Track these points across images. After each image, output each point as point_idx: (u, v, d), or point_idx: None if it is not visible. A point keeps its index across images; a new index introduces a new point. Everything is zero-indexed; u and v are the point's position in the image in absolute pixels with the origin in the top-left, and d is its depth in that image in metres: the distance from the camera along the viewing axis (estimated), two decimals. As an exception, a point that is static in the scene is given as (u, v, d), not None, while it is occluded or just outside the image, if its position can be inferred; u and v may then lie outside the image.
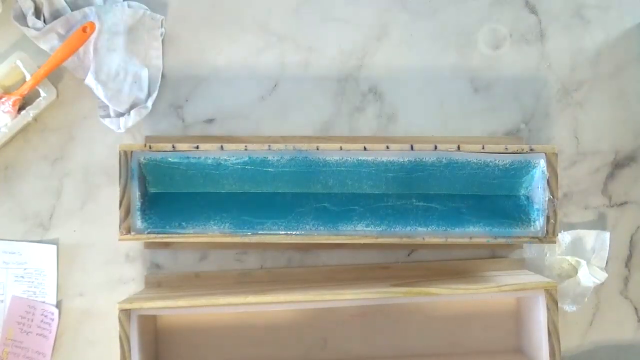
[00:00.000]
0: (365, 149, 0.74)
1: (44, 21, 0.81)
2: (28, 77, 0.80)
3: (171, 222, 0.75)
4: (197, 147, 0.74)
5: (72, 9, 0.81)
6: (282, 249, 0.84)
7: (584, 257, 0.84)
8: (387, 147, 0.74)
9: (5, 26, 0.83)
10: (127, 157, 0.74)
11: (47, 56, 0.80)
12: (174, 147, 0.74)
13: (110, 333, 0.80)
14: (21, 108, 0.81)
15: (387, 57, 0.87)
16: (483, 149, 0.75)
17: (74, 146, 0.84)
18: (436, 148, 0.75)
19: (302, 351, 0.82)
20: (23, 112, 0.81)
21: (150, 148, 0.74)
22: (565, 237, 0.85)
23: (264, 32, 0.86)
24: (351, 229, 0.75)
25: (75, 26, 0.80)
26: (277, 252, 0.85)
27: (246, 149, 0.74)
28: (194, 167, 0.75)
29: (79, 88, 0.83)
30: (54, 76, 0.82)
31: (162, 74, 0.85)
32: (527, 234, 0.75)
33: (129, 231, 0.74)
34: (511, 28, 0.88)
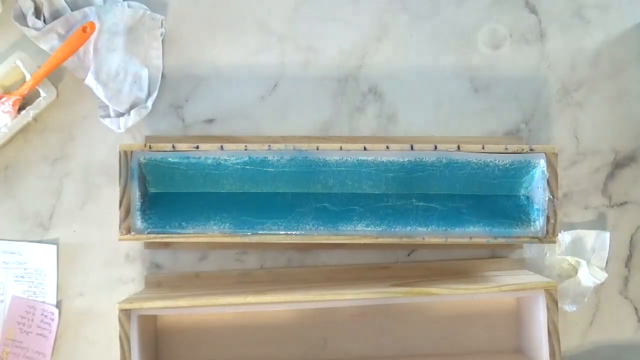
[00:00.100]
0: (365, 149, 0.74)
1: (44, 21, 0.81)
2: (28, 77, 0.80)
3: (171, 222, 0.75)
4: (197, 147, 0.74)
5: (72, 9, 0.81)
6: (282, 249, 0.84)
7: (584, 257, 0.84)
8: (387, 147, 0.74)
9: (5, 26, 0.83)
10: (127, 157, 0.74)
11: (47, 56, 0.80)
12: (174, 147, 0.74)
13: (110, 333, 0.80)
14: (21, 108, 0.81)
15: (387, 57, 0.87)
16: (483, 149, 0.75)
17: (74, 146, 0.84)
18: (436, 148, 0.75)
19: (302, 351, 0.82)
20: (23, 112, 0.81)
21: (150, 148, 0.74)
22: (565, 237, 0.85)
23: (264, 32, 0.86)
24: (351, 229, 0.75)
25: (75, 26, 0.80)
26: (277, 252, 0.85)
27: (246, 149, 0.74)
28: (194, 167, 0.75)
29: (79, 88, 0.83)
30: (54, 76, 0.82)
31: (162, 74, 0.85)
32: (527, 234, 0.75)
33: (129, 231, 0.74)
34: (511, 28, 0.88)
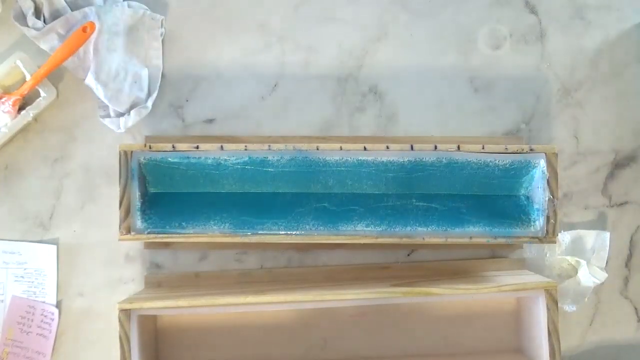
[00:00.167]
0: (365, 149, 0.74)
1: (44, 21, 0.81)
2: (28, 77, 0.80)
3: (171, 222, 0.75)
4: (197, 147, 0.74)
5: (72, 9, 0.81)
6: (282, 249, 0.84)
7: (584, 257, 0.84)
8: (387, 147, 0.74)
9: (5, 26, 0.83)
10: (127, 157, 0.74)
11: (47, 56, 0.80)
12: (174, 147, 0.74)
13: (110, 333, 0.80)
14: (21, 108, 0.81)
15: (387, 57, 0.87)
16: (483, 149, 0.75)
17: (74, 146, 0.84)
18: (436, 148, 0.75)
19: (302, 351, 0.82)
20: (23, 112, 0.81)
21: (150, 148, 0.74)
22: (565, 237, 0.85)
23: (264, 32, 0.86)
24: (351, 229, 0.75)
25: (75, 26, 0.80)
26: (277, 252, 0.85)
27: (246, 149, 0.74)
28: (194, 167, 0.75)
29: (79, 88, 0.83)
30: (54, 76, 0.82)
31: (162, 74, 0.85)
32: (527, 234, 0.75)
33: (129, 231, 0.74)
34: (511, 28, 0.88)
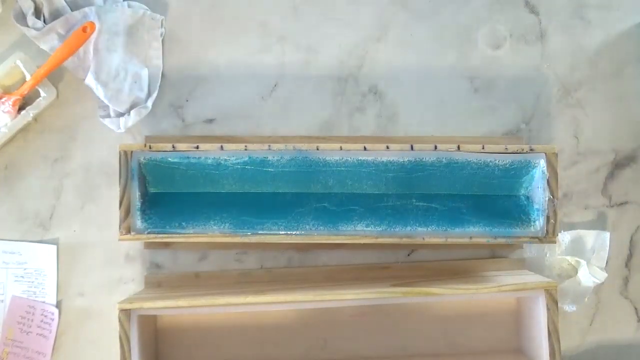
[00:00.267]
0: (365, 149, 0.74)
1: (44, 21, 0.81)
2: (28, 77, 0.80)
3: (171, 222, 0.75)
4: (197, 147, 0.74)
5: (72, 9, 0.81)
6: (282, 249, 0.84)
7: (584, 257, 0.84)
8: (387, 147, 0.74)
9: (5, 26, 0.83)
10: (127, 157, 0.74)
11: (47, 56, 0.80)
12: (174, 147, 0.74)
13: (110, 333, 0.80)
14: (21, 108, 0.81)
15: (387, 57, 0.87)
16: (483, 149, 0.75)
17: (74, 146, 0.84)
18: (436, 148, 0.75)
19: (302, 351, 0.82)
20: (23, 112, 0.81)
21: (150, 148, 0.74)
22: (565, 237, 0.85)
23: (264, 32, 0.86)
24: (351, 229, 0.75)
25: (75, 26, 0.80)
26: (277, 252, 0.85)
27: (246, 149, 0.74)
28: (194, 167, 0.75)
29: (79, 88, 0.83)
30: (54, 76, 0.82)
31: (162, 74, 0.85)
32: (527, 234, 0.75)
33: (129, 231, 0.74)
34: (511, 28, 0.88)
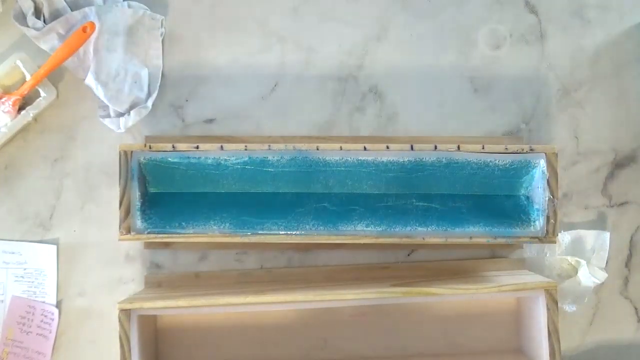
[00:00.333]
0: (365, 149, 0.74)
1: (44, 21, 0.81)
2: (28, 77, 0.80)
3: (171, 222, 0.74)
4: (197, 147, 0.74)
5: (72, 9, 0.81)
6: (282, 249, 0.84)
7: (584, 257, 0.84)
8: (387, 147, 0.74)
9: (5, 26, 0.83)
10: (127, 157, 0.74)
11: (47, 56, 0.80)
12: (174, 147, 0.74)
13: (110, 333, 0.80)
14: (21, 108, 0.81)
15: (387, 57, 0.87)
16: (483, 149, 0.75)
17: (74, 146, 0.84)
18: (436, 148, 0.75)
19: (302, 351, 0.82)
20: (23, 112, 0.81)
21: (150, 148, 0.74)
22: (565, 237, 0.85)
23: (264, 32, 0.86)
24: (351, 229, 0.75)
25: (75, 26, 0.80)
26: (277, 252, 0.85)
27: (246, 149, 0.74)
28: (194, 167, 0.75)
29: (79, 88, 0.83)
30: (54, 76, 0.82)
31: (162, 74, 0.85)
32: (527, 234, 0.75)
33: (129, 231, 0.74)
34: (511, 28, 0.88)
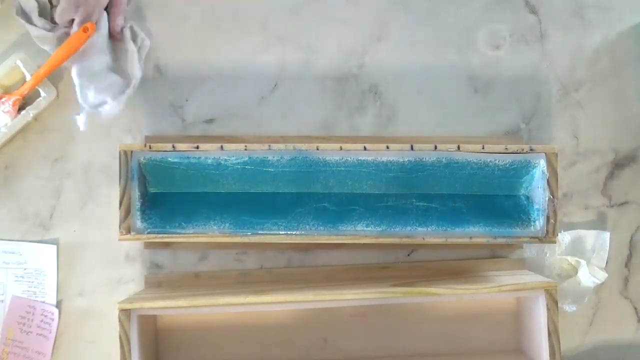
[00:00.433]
0: (365, 149, 0.74)
1: (51, 21, 0.80)
2: (28, 77, 0.80)
3: (171, 222, 0.74)
4: (197, 147, 0.74)
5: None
6: (282, 249, 0.84)
7: (584, 257, 0.84)
8: (387, 147, 0.74)
9: (6, 26, 0.83)
10: (127, 157, 0.74)
11: (47, 56, 0.80)
12: (174, 147, 0.74)
13: (110, 333, 0.80)
14: (21, 108, 0.81)
15: (387, 57, 0.87)
16: (483, 149, 0.75)
17: (74, 146, 0.84)
18: (436, 148, 0.75)
19: (302, 351, 0.82)
20: (23, 112, 0.81)
21: (150, 148, 0.74)
22: (565, 237, 0.85)
23: (264, 32, 0.86)
24: (351, 229, 0.75)
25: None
26: (277, 252, 0.85)
27: (246, 149, 0.74)
28: (194, 167, 0.75)
29: (79, 88, 0.83)
30: (54, 76, 0.82)
31: (162, 74, 0.85)
32: (527, 234, 0.75)
33: (129, 231, 0.74)
34: (511, 28, 0.88)
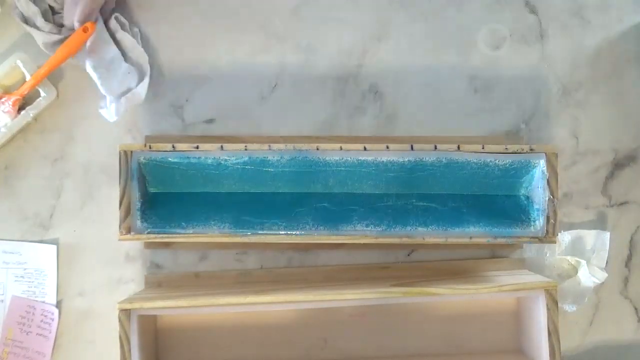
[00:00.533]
0: (365, 149, 0.74)
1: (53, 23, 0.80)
2: (28, 77, 0.80)
3: (171, 222, 0.75)
4: (197, 147, 0.74)
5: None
6: (282, 249, 0.84)
7: (584, 257, 0.84)
8: (387, 147, 0.74)
9: (6, 26, 0.83)
10: (127, 157, 0.74)
11: (47, 56, 0.80)
12: (174, 147, 0.74)
13: (110, 333, 0.80)
14: (21, 108, 0.81)
15: (387, 57, 0.87)
16: (483, 149, 0.75)
17: (74, 146, 0.84)
18: (436, 148, 0.75)
19: (302, 351, 0.82)
20: (23, 112, 0.81)
21: (150, 148, 0.74)
22: (565, 237, 0.85)
23: (264, 32, 0.86)
24: (351, 229, 0.75)
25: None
26: (277, 252, 0.85)
27: (246, 149, 0.74)
28: (194, 167, 0.75)
29: (79, 88, 0.83)
30: (54, 76, 0.82)
31: (162, 74, 0.85)
32: (527, 234, 0.75)
33: (129, 231, 0.74)
34: (511, 28, 0.88)
